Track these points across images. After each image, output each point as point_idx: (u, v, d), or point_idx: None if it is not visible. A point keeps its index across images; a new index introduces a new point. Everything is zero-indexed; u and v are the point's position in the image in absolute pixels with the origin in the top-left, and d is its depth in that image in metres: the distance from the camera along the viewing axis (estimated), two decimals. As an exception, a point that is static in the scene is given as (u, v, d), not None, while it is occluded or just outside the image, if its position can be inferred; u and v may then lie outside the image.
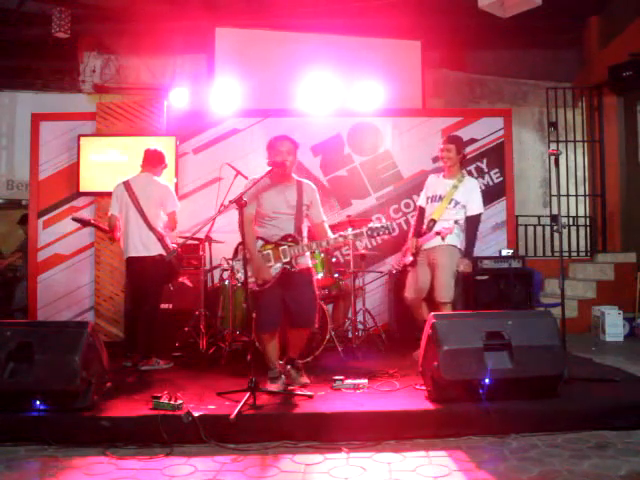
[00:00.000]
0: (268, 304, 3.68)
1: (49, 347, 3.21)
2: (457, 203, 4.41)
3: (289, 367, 3.87)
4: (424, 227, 4.50)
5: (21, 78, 8.21)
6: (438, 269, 4.34)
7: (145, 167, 4.69)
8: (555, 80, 7.93)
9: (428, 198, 4.57)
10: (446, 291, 4.31)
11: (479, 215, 4.44)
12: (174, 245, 4.50)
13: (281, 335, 3.88)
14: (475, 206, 4.42)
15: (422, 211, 4.63)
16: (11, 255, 7.22)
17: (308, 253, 3.83)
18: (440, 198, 4.45)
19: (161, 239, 4.47)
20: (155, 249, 4.44)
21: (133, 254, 4.46)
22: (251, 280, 3.63)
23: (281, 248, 3.67)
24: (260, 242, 3.72)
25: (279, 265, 3.67)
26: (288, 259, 3.66)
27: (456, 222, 4.37)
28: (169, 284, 4.93)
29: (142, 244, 4.44)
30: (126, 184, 4.58)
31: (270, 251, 3.68)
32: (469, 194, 4.43)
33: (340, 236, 3.69)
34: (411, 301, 4.56)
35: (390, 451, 2.94)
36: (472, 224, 4.42)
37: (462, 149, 4.55)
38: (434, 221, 4.40)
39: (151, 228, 4.45)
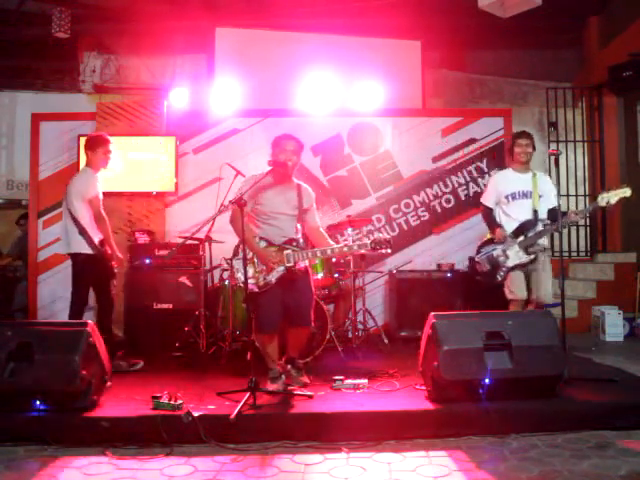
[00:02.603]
0: (268, 305, 3.67)
1: (49, 347, 3.21)
2: (541, 196, 4.44)
3: (289, 367, 3.87)
4: (531, 218, 4.38)
5: (21, 78, 8.20)
6: (545, 272, 4.39)
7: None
8: (555, 80, 7.91)
9: (508, 196, 4.45)
10: (551, 293, 4.42)
11: (558, 207, 4.41)
12: (99, 238, 4.36)
13: (281, 335, 3.88)
14: (554, 198, 4.42)
15: (490, 211, 4.57)
16: (3, 258, 7.18)
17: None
18: (525, 194, 4.42)
19: (83, 234, 4.30)
20: (76, 247, 4.33)
21: (59, 251, 4.51)
22: (252, 282, 3.63)
23: (286, 252, 3.67)
24: (263, 243, 3.71)
25: (282, 268, 3.66)
26: (292, 264, 3.66)
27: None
28: (103, 284, 4.52)
29: (65, 242, 4.41)
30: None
31: (273, 253, 3.68)
32: (547, 187, 4.48)
33: (345, 246, 3.75)
34: (521, 301, 4.41)
35: (390, 451, 2.94)
36: (555, 215, 4.34)
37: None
38: (536, 211, 4.40)
39: (71, 225, 4.34)
